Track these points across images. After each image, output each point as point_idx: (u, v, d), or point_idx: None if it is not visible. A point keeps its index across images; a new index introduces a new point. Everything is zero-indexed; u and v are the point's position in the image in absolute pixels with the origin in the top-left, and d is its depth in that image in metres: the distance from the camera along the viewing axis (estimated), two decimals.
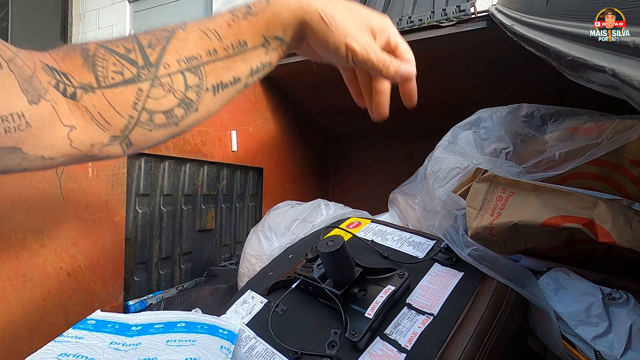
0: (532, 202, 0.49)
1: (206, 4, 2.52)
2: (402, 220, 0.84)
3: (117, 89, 0.26)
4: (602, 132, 0.52)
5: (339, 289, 0.50)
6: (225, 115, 1.00)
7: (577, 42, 0.33)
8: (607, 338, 0.44)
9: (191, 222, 0.94)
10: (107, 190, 0.68)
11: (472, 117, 0.70)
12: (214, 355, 0.43)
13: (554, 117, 0.61)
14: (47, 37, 2.68)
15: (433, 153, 0.69)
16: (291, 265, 0.63)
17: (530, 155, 0.58)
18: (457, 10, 0.86)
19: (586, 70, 0.27)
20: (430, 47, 0.90)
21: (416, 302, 0.49)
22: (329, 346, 0.46)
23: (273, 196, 1.22)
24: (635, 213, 0.43)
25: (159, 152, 0.81)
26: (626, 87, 0.21)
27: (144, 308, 0.78)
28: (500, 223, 0.51)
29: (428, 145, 0.74)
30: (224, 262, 1.03)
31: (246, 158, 1.09)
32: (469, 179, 0.60)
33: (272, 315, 0.53)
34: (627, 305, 0.46)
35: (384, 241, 0.63)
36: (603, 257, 0.54)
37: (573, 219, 0.45)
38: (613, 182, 0.54)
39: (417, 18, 0.90)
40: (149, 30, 0.29)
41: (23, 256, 0.55)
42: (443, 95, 1.18)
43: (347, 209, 0.89)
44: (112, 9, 2.88)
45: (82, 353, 0.42)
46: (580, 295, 0.47)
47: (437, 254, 0.55)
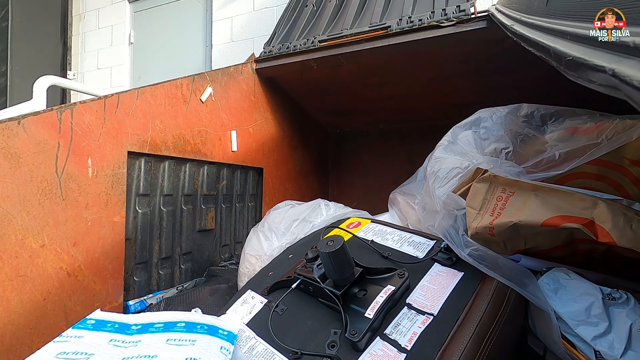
0: (532, 202, 0.49)
1: (206, 4, 2.52)
2: (402, 220, 0.84)
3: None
4: (602, 132, 0.52)
5: (339, 289, 0.50)
6: (225, 115, 1.00)
7: (577, 42, 0.33)
8: (607, 338, 0.44)
9: (191, 222, 0.94)
10: (107, 190, 0.68)
11: (472, 117, 0.70)
12: (214, 355, 0.43)
13: (554, 117, 0.61)
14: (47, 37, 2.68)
15: (433, 153, 0.69)
16: (291, 265, 0.63)
17: (530, 155, 0.58)
18: (457, 10, 0.86)
19: (586, 70, 0.27)
20: (430, 47, 0.90)
21: (416, 302, 0.49)
22: (329, 346, 0.46)
23: (273, 196, 1.22)
24: (635, 213, 0.42)
25: (159, 152, 0.81)
26: (626, 87, 0.21)
27: (144, 308, 0.78)
28: (500, 223, 0.51)
29: (428, 145, 0.74)
30: (224, 262, 1.03)
31: (246, 158, 1.09)
32: (469, 179, 0.60)
33: (272, 315, 0.53)
34: (627, 305, 0.46)
35: (384, 241, 0.63)
36: (603, 257, 0.54)
37: (573, 219, 0.45)
38: (613, 182, 0.54)
39: (417, 18, 0.90)
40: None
41: (23, 256, 0.55)
42: (443, 95, 1.18)
43: (347, 209, 0.89)
44: (112, 9, 2.87)
45: (82, 350, 0.42)
46: (580, 295, 0.47)
47: (437, 254, 0.55)
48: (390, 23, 0.94)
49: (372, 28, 0.97)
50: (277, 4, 2.17)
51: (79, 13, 2.99)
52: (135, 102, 0.75)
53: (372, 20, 1.01)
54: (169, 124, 0.83)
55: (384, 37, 0.93)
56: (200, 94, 0.92)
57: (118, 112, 0.71)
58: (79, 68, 2.93)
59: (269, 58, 1.11)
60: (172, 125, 0.84)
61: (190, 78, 0.89)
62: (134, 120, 0.74)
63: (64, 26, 2.81)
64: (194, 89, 0.90)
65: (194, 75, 0.90)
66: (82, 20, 2.98)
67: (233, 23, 2.37)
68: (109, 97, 0.69)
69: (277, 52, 1.09)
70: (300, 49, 1.05)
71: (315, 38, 1.04)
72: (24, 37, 2.46)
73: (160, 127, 0.80)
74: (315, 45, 1.02)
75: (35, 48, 2.55)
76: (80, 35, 2.95)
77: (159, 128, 0.80)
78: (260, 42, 2.17)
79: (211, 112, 0.95)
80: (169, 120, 0.83)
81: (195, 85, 0.90)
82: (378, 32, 0.95)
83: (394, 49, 0.93)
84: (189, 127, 0.88)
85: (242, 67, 1.08)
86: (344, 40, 0.98)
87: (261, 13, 2.25)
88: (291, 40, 1.12)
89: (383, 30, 0.94)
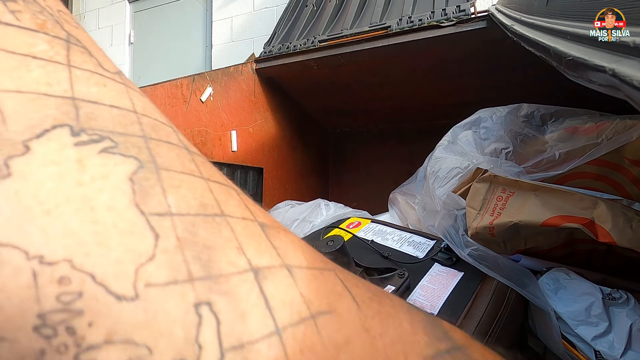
0: (532, 202, 0.49)
1: (206, 4, 2.52)
2: (402, 220, 0.84)
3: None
4: (602, 132, 0.52)
5: None
6: (225, 115, 1.00)
7: (577, 42, 0.33)
8: (607, 338, 0.44)
9: None
10: None
11: (472, 117, 0.70)
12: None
13: (554, 117, 0.61)
14: None
15: (433, 153, 0.69)
16: None
17: (530, 155, 0.58)
18: (457, 10, 0.86)
19: (586, 70, 0.27)
20: (430, 47, 0.90)
21: (416, 302, 0.49)
22: None
23: (273, 196, 1.22)
24: (635, 213, 0.43)
25: None
26: (626, 87, 0.21)
27: None
28: (500, 223, 0.51)
29: (428, 145, 0.74)
30: None
31: (246, 158, 1.09)
32: (469, 179, 0.60)
33: None
34: (627, 305, 0.46)
35: (384, 241, 0.63)
36: (603, 257, 0.54)
37: (573, 219, 0.45)
38: (613, 182, 0.54)
39: (417, 18, 0.90)
40: None
41: None
42: (443, 95, 1.18)
43: (347, 209, 0.89)
44: (112, 9, 2.88)
45: None
46: (580, 295, 0.47)
47: (437, 254, 0.55)
48: (390, 23, 0.94)
49: (372, 28, 0.97)
50: (277, 4, 2.17)
51: (79, 13, 2.99)
52: None
53: (372, 20, 1.01)
54: None
55: (384, 37, 0.93)
56: (200, 94, 0.92)
57: None
58: None
59: (269, 58, 1.11)
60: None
61: (190, 78, 0.89)
62: None
63: None
64: (194, 89, 0.90)
65: (194, 75, 0.90)
66: (82, 20, 2.98)
67: (233, 23, 2.37)
68: None
69: (277, 52, 1.09)
70: (300, 49, 1.05)
71: (315, 38, 1.04)
72: None
73: None
74: (315, 45, 1.03)
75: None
76: None
77: None
78: (260, 42, 2.17)
79: (211, 112, 0.95)
80: (169, 120, 0.83)
81: (195, 85, 0.90)
82: (378, 32, 0.95)
83: (394, 49, 0.93)
84: (189, 127, 0.88)
85: (242, 67, 1.08)
86: (344, 40, 0.98)
87: (261, 13, 2.25)
88: (291, 40, 1.12)
89: (383, 30, 0.94)
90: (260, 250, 0.11)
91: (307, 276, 0.12)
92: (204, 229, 0.10)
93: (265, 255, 0.11)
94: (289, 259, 0.12)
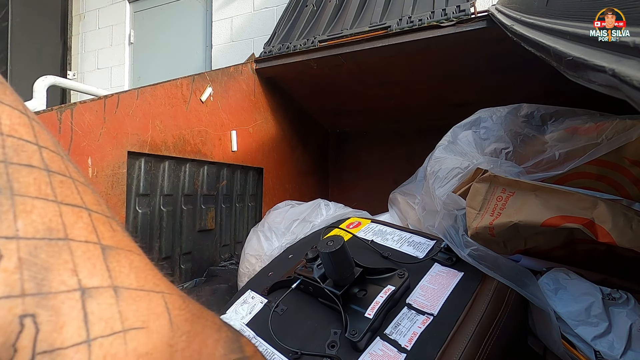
0: (532, 202, 0.49)
1: (206, 4, 2.52)
2: (402, 220, 0.84)
3: None
4: (602, 132, 0.52)
5: (339, 289, 0.50)
6: (225, 115, 1.00)
7: (577, 42, 0.33)
8: (607, 338, 0.44)
9: (191, 222, 0.94)
10: (107, 190, 0.68)
11: (472, 117, 0.70)
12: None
13: (554, 117, 0.61)
14: (47, 37, 2.68)
15: (433, 153, 0.69)
16: (291, 265, 0.63)
17: (530, 155, 0.58)
18: (457, 10, 0.86)
19: (586, 70, 0.27)
20: (430, 47, 0.90)
21: (416, 302, 0.49)
22: (329, 346, 0.46)
23: (273, 196, 1.22)
24: (635, 213, 0.42)
25: (159, 152, 0.81)
26: (626, 87, 0.21)
27: None
28: (500, 223, 0.51)
29: (428, 145, 0.74)
30: (224, 262, 1.03)
31: (246, 158, 1.09)
32: (469, 179, 0.60)
33: (272, 316, 0.53)
34: (627, 305, 0.46)
35: (384, 241, 0.63)
36: (603, 257, 0.54)
37: (573, 219, 0.45)
38: (613, 182, 0.54)
39: (417, 18, 0.90)
40: None
41: None
42: (443, 95, 1.18)
43: (347, 209, 0.89)
44: (112, 9, 2.87)
45: None
46: (580, 295, 0.47)
47: (437, 254, 0.55)
48: (390, 23, 0.94)
49: (372, 28, 0.97)
50: (277, 4, 2.17)
51: (79, 13, 2.99)
52: (135, 102, 0.74)
53: (372, 20, 1.01)
54: (169, 124, 0.83)
55: (384, 37, 0.93)
56: (200, 94, 0.92)
57: (118, 112, 0.71)
58: (79, 68, 2.93)
59: (269, 58, 1.11)
60: (172, 125, 0.84)
61: (190, 78, 0.89)
62: (134, 120, 0.74)
63: (64, 26, 2.81)
64: (194, 89, 0.90)
65: (194, 75, 0.90)
66: (82, 20, 2.98)
67: (233, 23, 2.37)
68: (109, 97, 0.69)
69: (277, 52, 1.09)
70: (300, 49, 1.05)
71: (315, 38, 1.04)
72: (24, 37, 2.46)
73: (160, 127, 0.80)
74: (315, 45, 1.02)
75: (35, 48, 2.55)
76: (80, 35, 2.95)
77: (159, 128, 0.80)
78: (260, 42, 2.17)
79: (211, 112, 0.95)
80: (169, 120, 0.83)
81: (195, 85, 0.90)
82: (378, 32, 0.95)
83: (394, 49, 0.93)
84: (189, 127, 0.88)
85: (242, 67, 1.08)
86: (344, 40, 0.98)
87: (261, 13, 2.25)
88: (291, 40, 1.12)
89: (383, 30, 0.94)
90: (93, 272, 0.13)
91: (132, 297, 0.14)
92: (45, 252, 0.12)
93: (96, 277, 0.13)
94: (120, 280, 0.14)
